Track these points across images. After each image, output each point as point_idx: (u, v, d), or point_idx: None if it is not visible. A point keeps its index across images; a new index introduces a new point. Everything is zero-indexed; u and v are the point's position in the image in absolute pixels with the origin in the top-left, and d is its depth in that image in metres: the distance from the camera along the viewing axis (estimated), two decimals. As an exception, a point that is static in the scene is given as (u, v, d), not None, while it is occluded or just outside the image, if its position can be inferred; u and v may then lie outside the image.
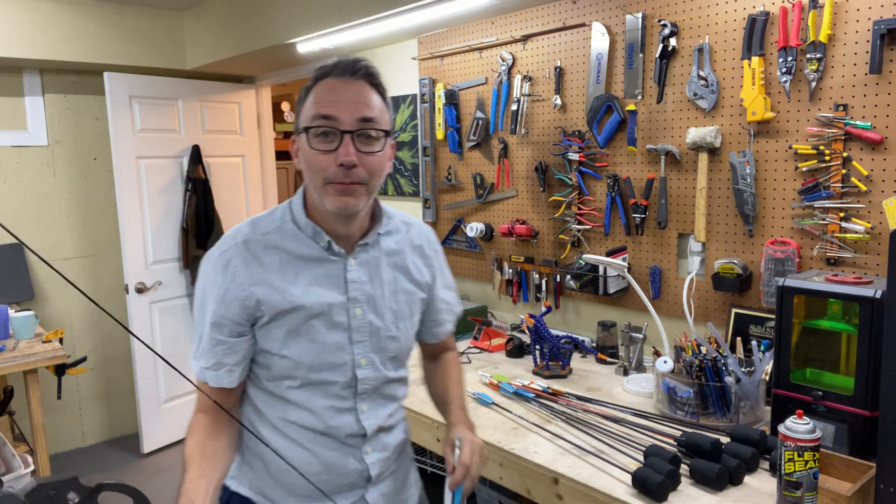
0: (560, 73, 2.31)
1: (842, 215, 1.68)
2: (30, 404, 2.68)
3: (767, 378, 1.64)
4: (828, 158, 1.68)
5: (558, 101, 2.32)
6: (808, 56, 1.68)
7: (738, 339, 1.80)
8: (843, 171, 1.66)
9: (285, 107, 4.82)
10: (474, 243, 2.75)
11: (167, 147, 3.66)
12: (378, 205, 1.25)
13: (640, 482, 1.32)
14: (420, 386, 1.49)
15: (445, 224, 2.88)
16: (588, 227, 2.30)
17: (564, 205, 2.34)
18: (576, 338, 2.23)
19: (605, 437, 1.58)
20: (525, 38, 2.40)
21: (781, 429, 1.22)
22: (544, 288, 2.47)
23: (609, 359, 2.18)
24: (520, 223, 2.51)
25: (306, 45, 2.91)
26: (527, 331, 2.14)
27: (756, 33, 1.77)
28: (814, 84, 1.69)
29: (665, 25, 1.96)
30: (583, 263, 2.23)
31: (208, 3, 3.37)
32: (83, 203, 3.74)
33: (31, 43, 3.15)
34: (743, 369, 1.61)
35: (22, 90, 3.51)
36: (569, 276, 2.31)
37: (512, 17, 2.44)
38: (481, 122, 2.60)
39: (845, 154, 1.65)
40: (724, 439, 1.47)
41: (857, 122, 1.62)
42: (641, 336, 2.06)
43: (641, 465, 1.36)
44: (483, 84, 2.60)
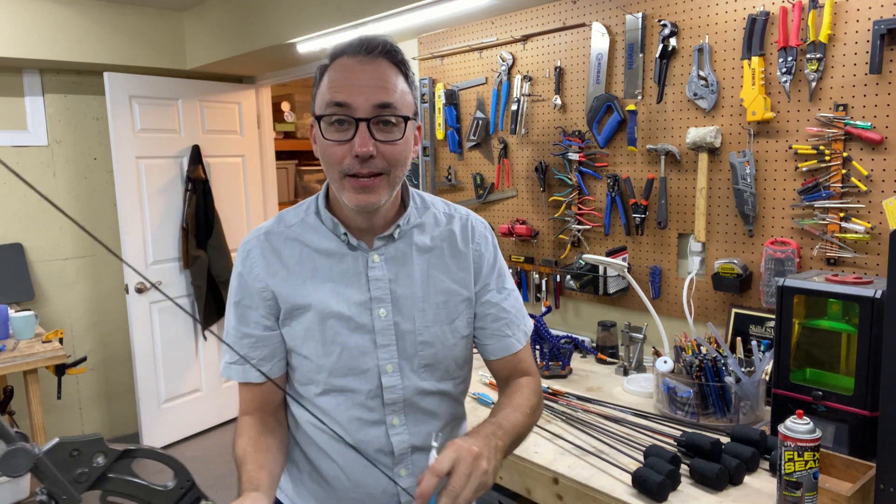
0: (560, 73, 2.31)
1: (842, 215, 1.68)
2: (30, 404, 2.68)
3: (767, 378, 1.64)
4: (828, 158, 1.68)
5: (558, 101, 2.32)
6: (808, 56, 1.68)
7: (738, 339, 1.80)
8: (843, 171, 1.66)
9: (285, 107, 4.82)
10: (474, 243, 2.74)
11: (167, 147, 3.65)
12: (408, 192, 1.13)
13: (640, 482, 1.31)
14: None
15: (445, 224, 2.88)
16: (588, 227, 2.30)
17: (564, 205, 2.34)
18: (576, 338, 2.23)
19: (605, 437, 1.58)
20: (525, 38, 2.40)
21: (781, 429, 1.22)
22: (544, 288, 2.47)
23: (609, 359, 2.18)
24: (520, 223, 2.51)
25: (306, 45, 2.91)
26: (527, 331, 2.14)
27: (756, 33, 1.77)
28: (814, 84, 1.69)
29: (665, 25, 1.96)
30: (583, 263, 2.23)
31: (208, 3, 3.37)
32: (83, 203, 3.74)
33: (31, 43, 3.15)
34: (743, 369, 1.61)
35: (22, 90, 3.51)
36: (569, 276, 2.31)
37: (512, 17, 2.44)
38: (481, 122, 2.60)
39: (845, 154, 1.65)
40: (724, 439, 1.47)
41: (857, 122, 1.62)
42: (641, 336, 2.06)
43: (641, 465, 1.36)
44: (483, 84, 2.60)
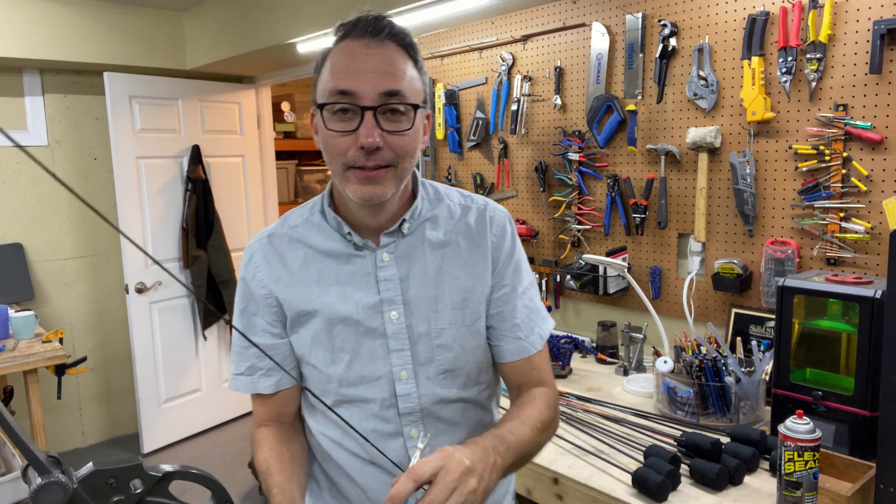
0: (560, 73, 2.31)
1: (842, 215, 1.68)
2: (30, 404, 2.68)
3: (767, 378, 1.64)
4: (828, 158, 1.68)
5: (558, 101, 2.32)
6: (808, 56, 1.68)
7: (738, 339, 1.80)
8: (843, 171, 1.66)
9: (285, 107, 4.82)
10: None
11: (167, 147, 3.65)
12: (417, 183, 1.04)
13: (640, 482, 1.31)
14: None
15: (445, 224, 2.88)
16: (588, 227, 2.30)
17: (564, 205, 2.34)
18: (576, 338, 2.23)
19: (605, 437, 1.58)
20: (525, 38, 2.40)
21: (781, 429, 1.22)
22: (544, 288, 2.47)
23: (609, 359, 2.18)
24: (520, 223, 2.51)
25: (306, 45, 2.91)
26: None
27: (756, 33, 1.77)
28: (814, 84, 1.69)
29: (665, 25, 1.96)
30: (583, 263, 2.23)
31: (208, 3, 3.37)
32: (83, 203, 3.73)
33: (31, 43, 3.15)
34: (743, 369, 1.61)
35: (22, 90, 3.51)
36: (569, 276, 2.31)
37: (512, 17, 2.44)
38: (481, 122, 2.60)
39: (845, 154, 1.65)
40: (724, 439, 1.47)
41: (857, 122, 1.62)
42: (641, 336, 2.06)
43: (641, 465, 1.36)
44: (483, 84, 2.60)
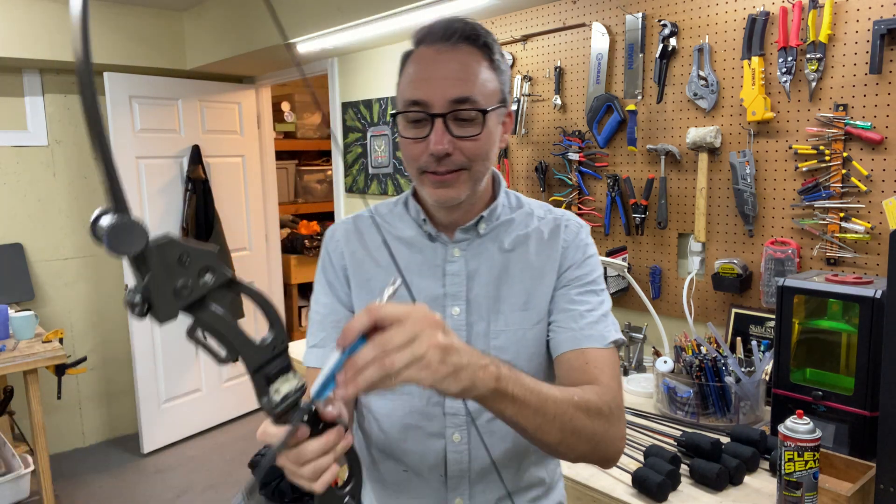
0: (560, 73, 2.31)
1: (842, 215, 1.68)
2: (30, 404, 2.68)
3: (767, 378, 1.64)
4: (828, 158, 1.68)
5: (558, 101, 2.32)
6: (808, 56, 1.68)
7: (738, 339, 1.80)
8: (843, 171, 1.66)
9: (285, 107, 4.82)
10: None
11: (167, 147, 3.66)
12: (499, 186, 1.05)
13: (640, 482, 1.31)
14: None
15: (445, 224, 2.88)
16: (588, 227, 2.30)
17: (564, 205, 2.34)
18: (576, 338, 2.23)
19: (605, 437, 1.58)
20: (525, 38, 2.40)
21: (781, 429, 1.22)
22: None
23: (609, 359, 2.17)
24: (520, 223, 2.50)
25: (306, 45, 2.91)
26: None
27: (756, 33, 1.77)
28: (814, 84, 1.69)
29: (665, 25, 1.96)
30: (583, 263, 2.23)
31: (208, 3, 3.37)
32: (83, 203, 3.74)
33: (31, 43, 3.15)
34: (743, 369, 1.61)
35: (22, 90, 3.51)
36: (569, 276, 2.31)
37: (512, 17, 2.43)
38: (481, 122, 2.59)
39: (845, 154, 1.65)
40: (724, 439, 1.47)
41: (857, 122, 1.62)
42: (641, 336, 2.06)
43: (641, 465, 1.36)
44: (483, 84, 2.59)
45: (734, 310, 1.90)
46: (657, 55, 1.99)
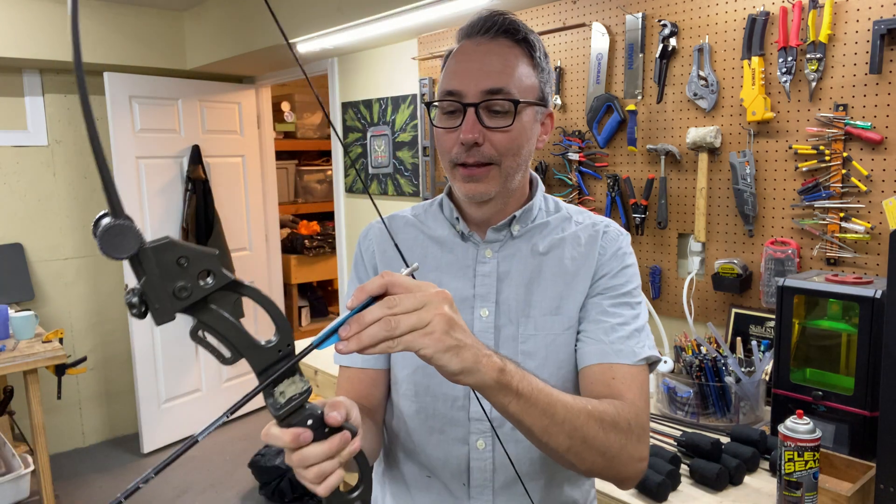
0: (560, 73, 2.31)
1: (842, 215, 1.68)
2: (30, 404, 2.68)
3: (767, 378, 1.64)
4: (828, 158, 1.68)
5: (558, 101, 2.32)
6: (808, 56, 1.68)
7: (738, 339, 1.80)
8: (843, 171, 1.66)
9: (285, 107, 4.82)
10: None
11: (167, 147, 3.66)
12: (536, 189, 1.03)
13: (639, 482, 1.31)
14: None
15: (445, 224, 2.88)
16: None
17: (564, 205, 2.34)
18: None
19: (605, 437, 1.58)
20: (525, 38, 2.40)
21: (781, 429, 1.22)
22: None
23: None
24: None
25: (306, 45, 2.91)
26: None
27: (756, 33, 1.77)
28: (814, 84, 1.69)
29: (665, 25, 1.96)
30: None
31: (208, 3, 3.37)
32: (83, 203, 3.74)
33: (31, 43, 3.15)
34: (743, 369, 1.61)
35: (22, 90, 3.51)
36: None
37: (512, 17, 2.43)
38: (481, 122, 2.59)
39: (845, 154, 1.65)
40: (724, 439, 1.47)
41: (857, 122, 1.62)
42: (641, 336, 2.05)
43: (641, 465, 1.36)
44: (483, 84, 2.60)
45: (734, 310, 1.90)
46: (657, 55, 1.99)
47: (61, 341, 2.83)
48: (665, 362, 1.71)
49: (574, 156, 2.27)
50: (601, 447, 0.80)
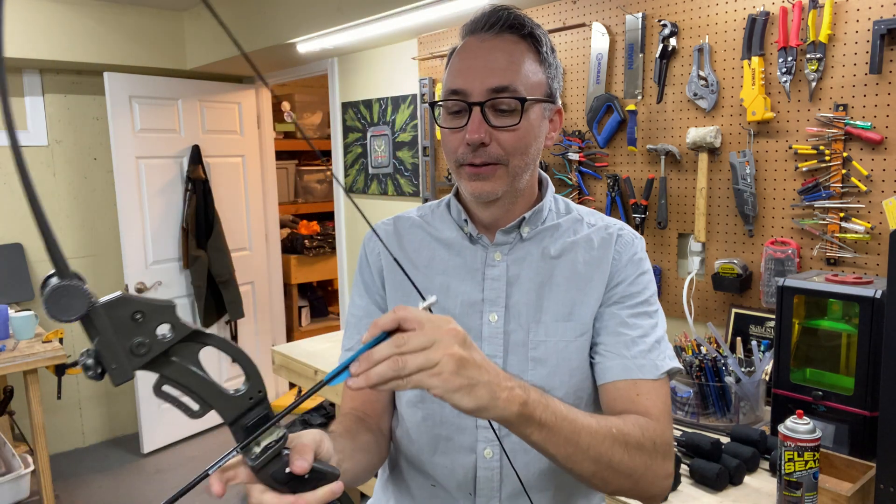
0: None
1: (842, 215, 1.68)
2: (30, 404, 2.68)
3: (767, 378, 1.64)
4: (828, 158, 1.68)
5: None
6: (808, 56, 1.68)
7: (738, 339, 1.80)
8: (843, 171, 1.66)
9: (285, 107, 4.82)
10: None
11: (167, 147, 3.66)
12: (546, 189, 1.00)
13: (640, 482, 1.31)
14: None
15: (445, 224, 2.88)
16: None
17: (564, 205, 2.34)
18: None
19: (605, 437, 1.58)
20: (525, 38, 2.40)
21: (781, 429, 1.22)
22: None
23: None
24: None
25: (306, 45, 2.91)
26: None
27: (756, 33, 1.77)
28: (814, 84, 1.69)
29: (665, 25, 1.96)
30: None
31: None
32: (83, 203, 3.74)
33: (31, 43, 3.15)
34: (743, 369, 1.61)
35: (22, 90, 3.51)
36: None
37: (512, 17, 2.43)
38: (481, 122, 2.59)
39: (845, 154, 1.65)
40: (724, 439, 1.47)
41: (857, 122, 1.62)
42: (641, 336, 2.05)
43: (641, 465, 1.36)
44: (483, 84, 2.60)
45: (734, 310, 1.90)
46: (657, 55, 1.99)
47: (61, 341, 2.83)
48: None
49: (574, 156, 2.27)
50: (627, 470, 0.79)
